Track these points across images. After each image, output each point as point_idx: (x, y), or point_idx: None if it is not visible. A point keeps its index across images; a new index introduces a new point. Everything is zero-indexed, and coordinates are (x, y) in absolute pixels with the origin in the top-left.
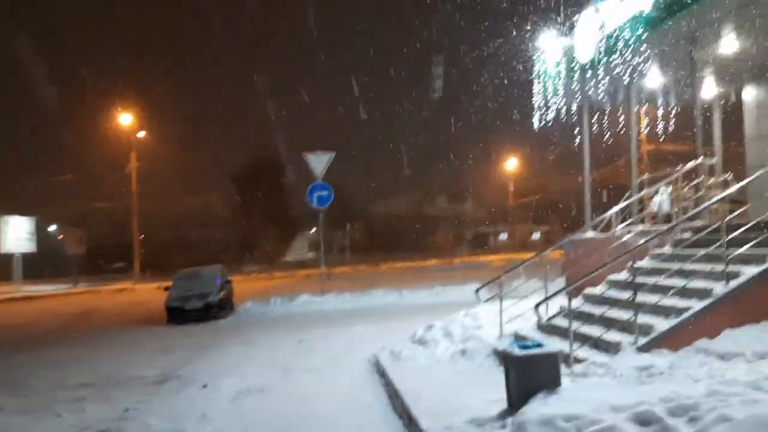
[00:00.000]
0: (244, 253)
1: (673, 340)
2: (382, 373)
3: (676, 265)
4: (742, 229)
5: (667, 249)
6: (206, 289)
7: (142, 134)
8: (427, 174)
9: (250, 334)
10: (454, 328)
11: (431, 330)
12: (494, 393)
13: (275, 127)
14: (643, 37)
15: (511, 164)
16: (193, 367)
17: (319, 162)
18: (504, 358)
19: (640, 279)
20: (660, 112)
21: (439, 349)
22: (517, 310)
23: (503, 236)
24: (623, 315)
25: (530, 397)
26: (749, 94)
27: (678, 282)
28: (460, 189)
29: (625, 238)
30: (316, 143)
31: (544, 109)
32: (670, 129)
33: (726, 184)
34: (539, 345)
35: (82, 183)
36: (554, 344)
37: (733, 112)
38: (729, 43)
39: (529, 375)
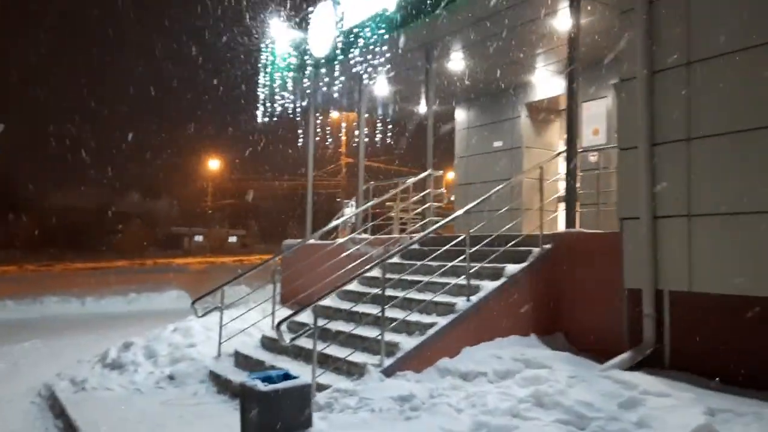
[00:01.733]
0: None
1: (419, 360)
2: (59, 412)
3: (411, 277)
4: (484, 242)
5: (398, 259)
6: None
7: None
8: (119, 166)
9: None
10: (159, 347)
11: (129, 349)
12: None
13: None
14: (383, 39)
15: (213, 165)
16: None
17: None
18: (243, 393)
19: (374, 290)
20: (380, 123)
21: (140, 374)
22: (237, 325)
23: (198, 238)
24: (363, 331)
25: None
26: (460, 114)
27: (418, 296)
28: (156, 185)
29: (356, 247)
30: None
31: (262, 105)
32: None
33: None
34: (287, 375)
35: None
36: (287, 366)
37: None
38: (456, 62)
39: (275, 414)
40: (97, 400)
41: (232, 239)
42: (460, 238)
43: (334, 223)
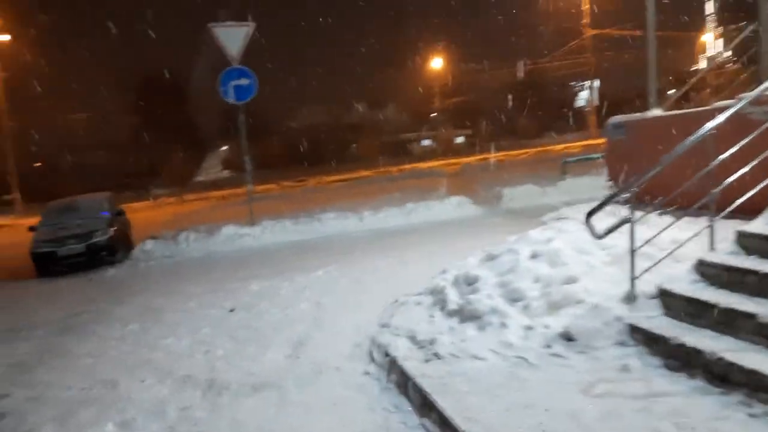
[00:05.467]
0: (150, 176)
1: None
2: (420, 398)
3: None
4: None
5: None
6: (89, 227)
7: (5, 38)
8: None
9: (148, 296)
10: (519, 282)
11: (473, 285)
12: None
13: (177, 37)
14: None
15: (436, 64)
16: (24, 394)
17: (232, 38)
18: None
19: None
20: None
21: (512, 330)
22: (620, 242)
23: (426, 142)
24: None
25: None
26: None
27: None
28: (381, 94)
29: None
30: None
31: None
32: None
33: None
34: None
35: None
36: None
37: None
38: None
39: None
40: (468, 380)
41: (459, 139)
42: None
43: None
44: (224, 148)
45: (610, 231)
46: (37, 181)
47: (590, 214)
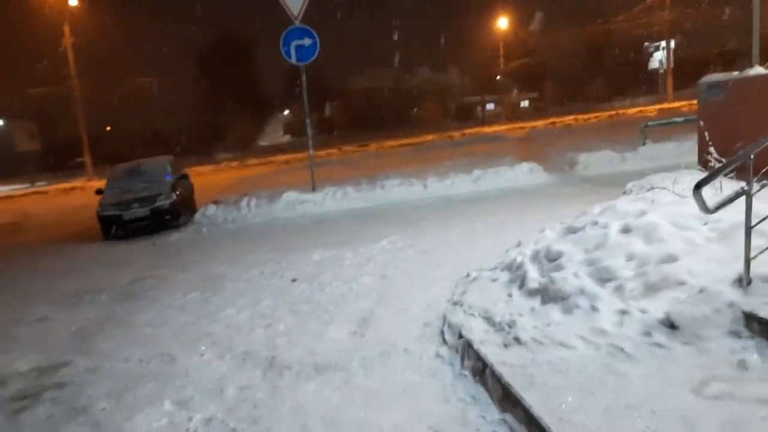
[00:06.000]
0: (214, 140)
1: None
2: (500, 391)
3: None
4: None
5: None
6: (153, 190)
7: (75, 2)
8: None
9: (210, 263)
10: (609, 260)
11: (556, 262)
12: None
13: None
14: None
15: (502, 24)
16: (84, 363)
17: None
18: None
19: None
20: None
21: (604, 315)
22: (725, 216)
23: (490, 106)
24: None
25: None
26: None
27: None
28: (444, 56)
29: None
30: (282, 17)
31: None
32: None
33: None
34: None
35: (18, 68)
36: None
37: None
38: None
39: None
40: (556, 372)
41: (524, 104)
42: None
43: None
44: (286, 112)
45: (722, 205)
46: (107, 145)
47: (699, 185)
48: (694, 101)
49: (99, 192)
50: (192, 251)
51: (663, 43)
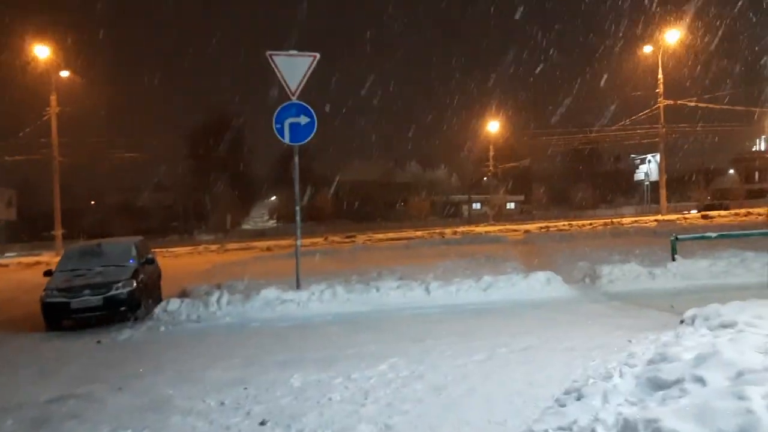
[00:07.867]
0: (197, 221)
1: None
2: None
3: None
4: None
5: None
6: (110, 276)
7: (65, 74)
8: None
9: (157, 381)
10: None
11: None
12: None
13: (232, 85)
14: None
15: (493, 127)
16: None
17: (293, 68)
18: None
19: None
20: None
21: None
22: None
23: (476, 205)
24: None
25: None
26: None
27: None
28: (434, 155)
29: None
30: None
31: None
32: None
33: None
34: None
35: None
36: None
37: None
38: None
39: None
40: None
41: (510, 205)
42: None
43: None
44: (273, 198)
45: None
46: (87, 218)
47: None
48: (689, 214)
49: (48, 273)
50: (139, 359)
51: (649, 156)
